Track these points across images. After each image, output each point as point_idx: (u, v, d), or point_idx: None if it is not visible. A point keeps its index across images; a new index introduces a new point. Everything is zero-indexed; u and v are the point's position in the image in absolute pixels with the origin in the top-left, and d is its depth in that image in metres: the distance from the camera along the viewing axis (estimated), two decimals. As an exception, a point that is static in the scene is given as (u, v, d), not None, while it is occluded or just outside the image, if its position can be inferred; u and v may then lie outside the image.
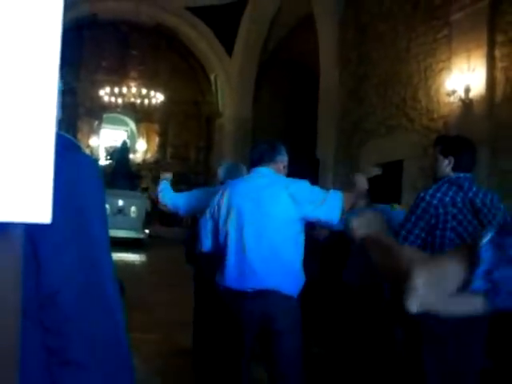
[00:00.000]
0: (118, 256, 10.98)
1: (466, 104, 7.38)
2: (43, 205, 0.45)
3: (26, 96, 0.46)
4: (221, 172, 4.27)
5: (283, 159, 3.05)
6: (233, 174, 4.00)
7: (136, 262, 12.80)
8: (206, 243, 3.09)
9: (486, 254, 0.92)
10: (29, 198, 0.44)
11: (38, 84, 0.47)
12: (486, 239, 0.94)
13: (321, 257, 4.81)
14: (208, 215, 3.08)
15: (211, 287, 3.30)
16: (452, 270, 0.97)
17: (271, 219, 2.80)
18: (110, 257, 1.05)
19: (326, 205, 2.80)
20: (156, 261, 13.24)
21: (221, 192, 3.04)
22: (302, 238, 2.94)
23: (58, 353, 0.89)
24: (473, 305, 0.97)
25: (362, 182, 3.30)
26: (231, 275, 2.89)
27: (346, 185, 5.87)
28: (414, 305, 0.98)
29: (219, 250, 3.01)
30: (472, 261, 0.93)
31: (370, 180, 4.67)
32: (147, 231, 15.78)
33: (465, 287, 0.94)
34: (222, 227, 2.95)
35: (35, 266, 0.85)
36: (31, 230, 0.74)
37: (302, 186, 2.89)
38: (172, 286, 8.62)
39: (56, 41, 0.48)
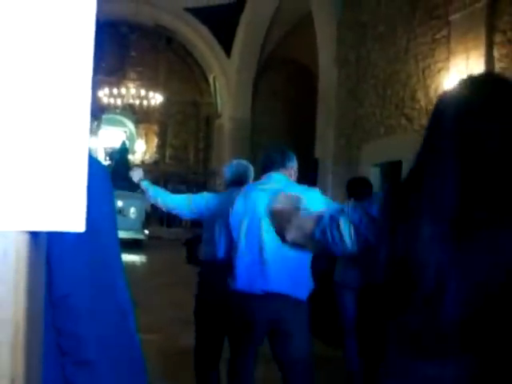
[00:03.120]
0: (118, 257, 10.97)
1: (465, 104, 7.40)
2: (78, 213, 0.47)
3: (60, 105, 0.48)
4: (227, 173, 4.11)
5: (293, 165, 3.16)
6: (241, 175, 3.94)
7: (136, 263, 12.81)
8: (221, 249, 3.27)
9: (325, 220, 1.51)
10: (63, 207, 0.46)
11: (73, 89, 0.49)
12: (327, 212, 1.54)
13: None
14: (222, 221, 3.24)
15: (214, 291, 3.47)
16: (310, 224, 1.56)
17: None
18: (121, 259, 1.07)
19: None
20: (156, 261, 13.26)
21: (237, 197, 3.13)
22: None
23: (72, 353, 0.91)
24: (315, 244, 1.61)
25: None
26: (243, 278, 2.99)
27: (345, 184, 5.91)
28: (288, 235, 1.62)
29: (232, 254, 3.11)
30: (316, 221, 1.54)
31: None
32: (147, 232, 15.79)
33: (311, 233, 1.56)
34: (237, 232, 3.06)
35: (47, 269, 0.87)
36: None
37: (315, 195, 2.97)
38: (172, 286, 8.64)
39: (90, 49, 0.50)
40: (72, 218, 0.47)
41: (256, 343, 3.13)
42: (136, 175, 4.45)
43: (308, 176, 11.93)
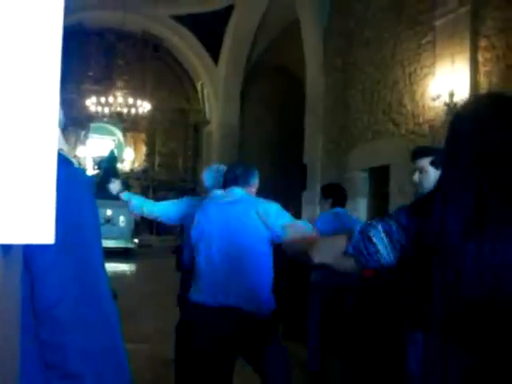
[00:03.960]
0: (108, 266, 10.85)
1: (451, 108, 7.45)
2: (46, 226, 0.46)
3: (28, 121, 0.47)
4: (205, 178, 4.16)
5: (256, 182, 3.22)
6: (219, 179, 3.83)
7: (126, 272, 12.74)
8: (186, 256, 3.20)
9: (355, 235, 1.63)
10: (32, 220, 0.45)
11: (40, 102, 0.49)
12: (357, 229, 1.65)
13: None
14: (189, 229, 3.23)
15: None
16: (340, 242, 1.68)
17: (240, 236, 2.91)
18: (105, 269, 1.06)
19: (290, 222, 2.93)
20: (146, 270, 13.20)
21: (199, 207, 3.17)
22: (270, 261, 3.02)
23: (57, 367, 0.90)
24: (351, 263, 1.67)
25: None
26: (202, 290, 2.99)
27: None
28: (315, 258, 1.74)
29: (194, 265, 3.11)
30: (348, 238, 1.66)
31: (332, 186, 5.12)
32: (136, 240, 15.73)
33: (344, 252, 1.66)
34: (196, 242, 3.08)
35: (29, 281, 0.86)
36: (24, 246, 0.75)
37: (272, 206, 3.00)
38: (162, 295, 8.59)
39: (57, 58, 0.50)
40: (41, 231, 0.47)
41: (223, 357, 3.02)
42: (113, 188, 4.49)
43: (297, 182, 11.96)
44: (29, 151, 0.46)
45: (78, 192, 0.99)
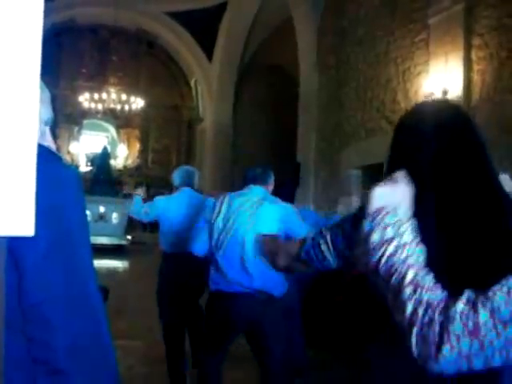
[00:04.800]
0: (101, 263, 10.91)
1: (444, 106, 7.46)
2: (26, 218, 0.46)
3: (5, 112, 0.47)
4: (175, 177, 4.82)
5: (272, 182, 3.64)
6: (187, 179, 4.75)
7: (119, 269, 12.71)
8: (198, 246, 3.56)
9: (308, 242, 1.66)
10: (12, 212, 0.45)
11: (19, 96, 0.48)
12: (310, 235, 1.68)
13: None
14: (203, 222, 3.63)
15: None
16: (294, 248, 1.73)
17: (257, 229, 3.18)
18: (93, 266, 1.05)
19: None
20: (139, 267, 13.16)
21: (219, 201, 3.49)
22: None
23: (44, 363, 0.89)
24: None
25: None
26: (222, 278, 3.31)
27: (326, 187, 5.94)
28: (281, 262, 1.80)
29: (214, 253, 3.39)
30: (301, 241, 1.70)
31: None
32: (129, 237, 15.69)
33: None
34: (216, 234, 3.38)
35: (16, 278, 0.86)
36: (11, 241, 0.75)
37: (288, 209, 3.47)
38: (155, 292, 8.57)
39: (36, 55, 0.49)
40: (21, 223, 0.46)
41: (229, 343, 3.43)
42: (140, 191, 5.26)
43: (291, 180, 11.96)
44: (7, 144, 0.46)
45: (66, 189, 0.98)
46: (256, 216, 3.33)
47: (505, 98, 6.73)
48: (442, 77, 7.53)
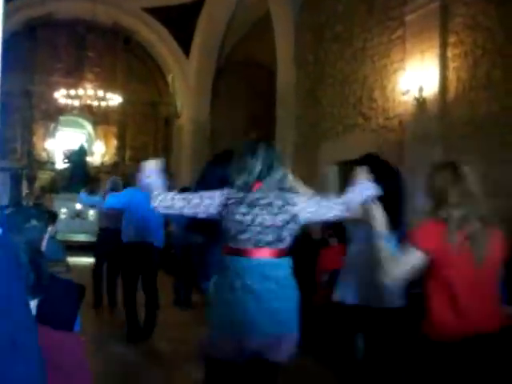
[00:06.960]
0: (77, 260, 10.82)
1: (420, 103, 7.55)
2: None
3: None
4: (108, 184, 7.70)
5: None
6: (115, 186, 7.51)
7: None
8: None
9: None
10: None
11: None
12: None
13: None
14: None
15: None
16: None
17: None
18: (28, 307, 1.04)
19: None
20: (116, 264, 13.05)
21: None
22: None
23: None
24: None
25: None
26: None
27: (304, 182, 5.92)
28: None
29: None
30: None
31: None
32: (106, 234, 15.56)
33: None
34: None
35: None
36: None
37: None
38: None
39: None
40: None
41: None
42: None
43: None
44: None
45: None
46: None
47: (479, 95, 6.82)
48: (418, 74, 7.60)
